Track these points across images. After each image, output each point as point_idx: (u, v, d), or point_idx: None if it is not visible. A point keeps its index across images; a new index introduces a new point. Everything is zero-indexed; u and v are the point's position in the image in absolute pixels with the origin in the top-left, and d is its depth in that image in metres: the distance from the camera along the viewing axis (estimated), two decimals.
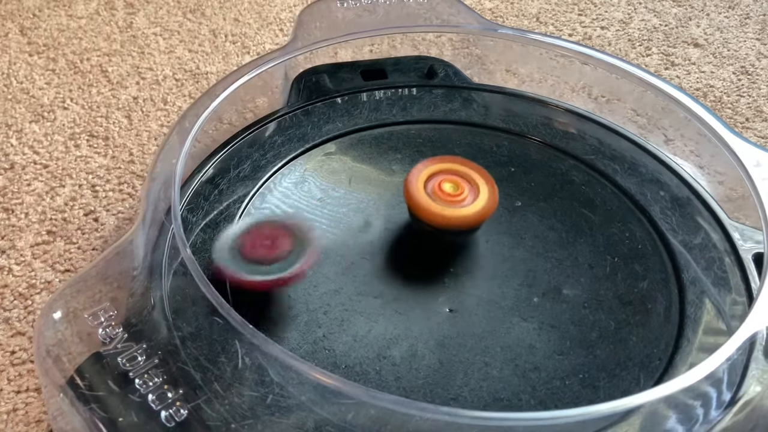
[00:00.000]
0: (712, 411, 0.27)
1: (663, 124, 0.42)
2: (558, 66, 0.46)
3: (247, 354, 0.28)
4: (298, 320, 0.31)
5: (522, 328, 0.31)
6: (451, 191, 0.33)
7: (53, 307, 0.27)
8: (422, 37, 0.50)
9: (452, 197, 0.33)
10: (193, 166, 0.37)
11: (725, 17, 0.58)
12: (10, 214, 0.39)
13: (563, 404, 0.28)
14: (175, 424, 0.24)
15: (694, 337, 0.30)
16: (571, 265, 0.33)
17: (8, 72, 0.50)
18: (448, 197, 0.33)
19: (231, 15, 0.57)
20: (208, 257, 0.32)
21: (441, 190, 0.33)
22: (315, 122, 0.40)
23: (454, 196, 0.33)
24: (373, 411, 0.26)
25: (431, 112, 0.41)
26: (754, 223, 0.34)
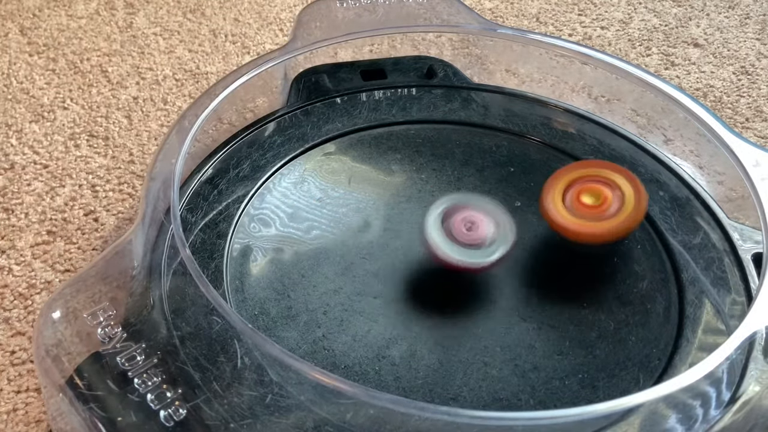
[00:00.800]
0: (712, 410, 0.27)
1: (662, 124, 0.42)
2: (558, 66, 0.46)
3: (246, 354, 0.28)
4: (298, 320, 0.31)
5: (521, 328, 0.31)
6: (591, 202, 0.30)
7: (53, 307, 0.27)
8: (422, 37, 0.50)
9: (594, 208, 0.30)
10: (192, 166, 0.37)
11: (725, 17, 0.58)
12: (10, 214, 0.39)
13: (562, 404, 0.28)
14: (174, 424, 0.24)
15: (694, 336, 0.30)
16: (571, 265, 0.33)
17: (8, 72, 0.50)
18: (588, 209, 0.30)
19: (231, 15, 0.57)
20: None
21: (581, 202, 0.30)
22: (314, 122, 0.40)
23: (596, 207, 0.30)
24: (373, 411, 0.26)
25: (431, 112, 0.41)
26: (753, 223, 0.34)
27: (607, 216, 0.30)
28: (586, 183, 0.31)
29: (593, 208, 0.30)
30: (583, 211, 0.30)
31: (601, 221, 0.30)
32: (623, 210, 0.30)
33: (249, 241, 0.34)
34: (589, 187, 0.31)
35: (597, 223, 0.30)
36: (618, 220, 0.30)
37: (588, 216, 0.30)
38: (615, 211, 0.30)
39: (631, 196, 0.30)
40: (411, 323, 0.31)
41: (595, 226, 0.30)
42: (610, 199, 0.30)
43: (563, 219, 0.30)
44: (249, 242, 0.34)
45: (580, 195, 0.30)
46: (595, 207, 0.30)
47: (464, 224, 0.31)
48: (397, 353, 0.30)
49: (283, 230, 0.35)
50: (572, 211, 0.30)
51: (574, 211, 0.30)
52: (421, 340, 0.30)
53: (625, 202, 0.30)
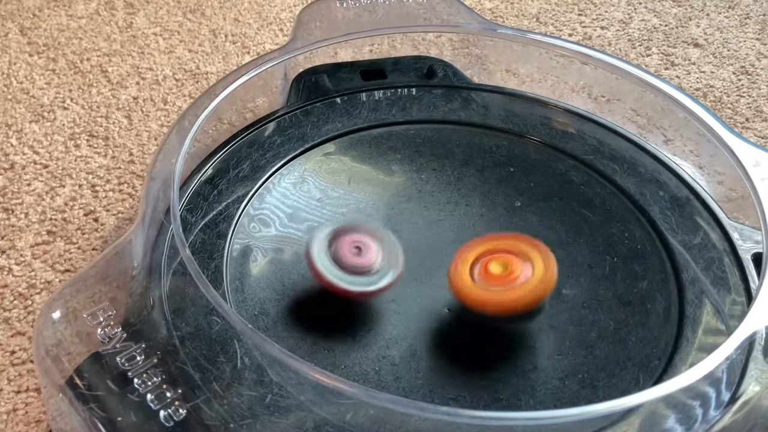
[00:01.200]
0: (711, 410, 0.27)
1: (662, 124, 0.42)
2: (558, 66, 0.46)
3: (246, 354, 0.28)
4: (298, 320, 0.31)
5: (522, 328, 0.31)
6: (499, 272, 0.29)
7: (52, 307, 0.27)
8: (422, 37, 0.49)
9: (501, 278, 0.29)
10: (192, 166, 0.37)
11: (725, 17, 0.58)
12: (10, 214, 0.39)
13: (562, 404, 0.28)
14: (173, 424, 0.24)
15: (694, 337, 0.30)
16: (571, 265, 0.33)
17: (8, 72, 0.50)
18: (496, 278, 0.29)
19: (231, 15, 0.57)
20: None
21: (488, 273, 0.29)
22: (314, 122, 0.40)
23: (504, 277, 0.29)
24: (373, 411, 0.26)
25: (431, 112, 0.41)
26: (753, 223, 0.34)
27: (516, 286, 0.28)
28: (495, 254, 0.30)
29: (501, 278, 0.29)
30: (491, 281, 0.29)
31: (509, 291, 0.28)
32: (532, 279, 0.28)
33: (249, 241, 0.34)
34: (497, 258, 0.29)
35: (505, 292, 0.28)
36: (526, 289, 0.28)
37: (495, 285, 0.29)
38: (524, 281, 0.28)
39: (540, 266, 0.29)
40: (411, 323, 0.31)
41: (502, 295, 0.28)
42: (518, 269, 0.29)
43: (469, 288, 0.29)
44: (249, 242, 0.34)
45: (488, 265, 0.29)
46: (503, 277, 0.29)
47: (352, 248, 0.30)
48: (397, 353, 0.30)
49: (283, 230, 0.35)
50: (480, 282, 0.29)
51: (482, 282, 0.29)
52: (421, 340, 0.30)
53: (534, 272, 0.29)
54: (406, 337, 0.30)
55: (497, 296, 0.28)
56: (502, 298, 0.28)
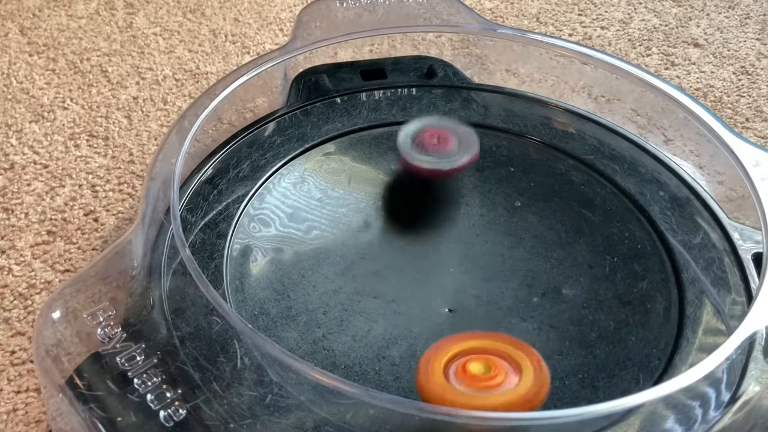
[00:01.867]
0: (711, 411, 0.27)
1: (663, 124, 0.42)
2: (558, 66, 0.46)
3: (246, 354, 0.28)
4: (298, 320, 0.31)
5: (521, 328, 0.31)
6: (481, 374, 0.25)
7: (52, 307, 0.27)
8: (422, 37, 0.49)
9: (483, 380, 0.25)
10: (192, 166, 0.37)
11: (725, 17, 0.58)
12: (10, 214, 0.39)
13: (562, 404, 0.28)
14: (173, 424, 0.24)
15: (694, 337, 0.30)
16: (571, 265, 0.33)
17: (8, 72, 0.50)
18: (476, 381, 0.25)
19: (231, 15, 0.57)
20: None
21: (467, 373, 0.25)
22: (314, 122, 0.40)
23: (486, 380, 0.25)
24: (372, 411, 0.26)
25: (431, 112, 0.41)
26: (753, 223, 0.34)
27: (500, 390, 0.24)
28: (475, 354, 0.26)
29: (482, 380, 0.25)
30: (470, 384, 0.25)
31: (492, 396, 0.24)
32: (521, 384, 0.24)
33: (249, 241, 0.34)
34: (478, 358, 0.25)
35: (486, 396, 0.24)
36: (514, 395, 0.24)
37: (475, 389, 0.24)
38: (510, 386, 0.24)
39: (530, 371, 0.25)
40: (411, 323, 0.31)
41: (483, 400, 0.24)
42: (504, 371, 0.25)
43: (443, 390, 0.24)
44: (249, 242, 0.34)
45: (467, 365, 0.25)
46: (485, 379, 0.25)
47: (433, 138, 0.36)
48: (397, 353, 0.30)
49: (283, 230, 0.35)
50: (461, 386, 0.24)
51: (460, 383, 0.25)
52: (421, 340, 0.30)
53: (523, 376, 0.25)
54: (406, 337, 0.30)
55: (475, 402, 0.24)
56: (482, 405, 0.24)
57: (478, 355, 0.25)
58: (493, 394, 0.24)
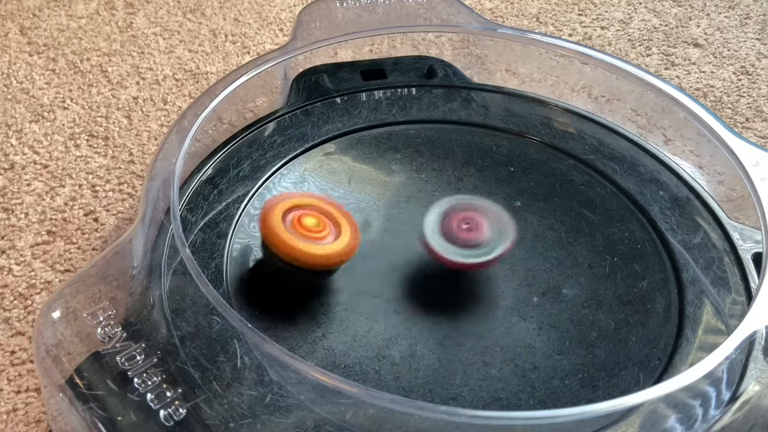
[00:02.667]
0: (711, 410, 0.27)
1: (663, 124, 0.42)
2: (558, 66, 0.46)
3: (246, 353, 0.28)
4: (298, 320, 0.31)
5: (521, 328, 0.31)
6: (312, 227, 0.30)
7: (52, 307, 0.27)
8: (422, 37, 0.50)
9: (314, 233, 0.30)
10: (192, 166, 0.37)
11: (725, 17, 0.58)
12: (10, 214, 0.39)
13: (562, 403, 0.28)
14: (173, 424, 0.24)
15: (694, 336, 0.30)
16: (571, 265, 0.33)
17: (8, 72, 0.50)
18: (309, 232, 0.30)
19: (231, 15, 0.57)
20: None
21: (301, 225, 0.30)
22: (314, 122, 0.40)
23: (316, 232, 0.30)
24: (372, 410, 0.26)
25: (431, 112, 0.41)
26: (753, 223, 0.34)
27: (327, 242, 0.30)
28: (305, 210, 0.31)
29: (314, 232, 0.30)
30: (304, 234, 0.30)
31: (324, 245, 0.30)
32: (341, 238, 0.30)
33: (249, 241, 0.34)
34: (309, 214, 0.31)
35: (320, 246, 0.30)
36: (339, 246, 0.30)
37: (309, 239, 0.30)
38: (333, 239, 0.30)
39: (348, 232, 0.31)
40: (411, 323, 0.31)
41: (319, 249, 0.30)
42: (329, 229, 0.31)
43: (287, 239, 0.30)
44: (249, 242, 0.34)
45: (302, 219, 0.31)
46: (317, 232, 0.30)
47: (463, 224, 0.32)
48: (397, 353, 0.30)
49: None
50: (294, 233, 0.30)
51: (296, 233, 0.30)
52: (421, 340, 0.30)
53: (342, 236, 0.31)
54: (406, 337, 0.30)
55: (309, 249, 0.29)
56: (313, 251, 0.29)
57: (312, 211, 0.31)
58: (317, 244, 0.30)
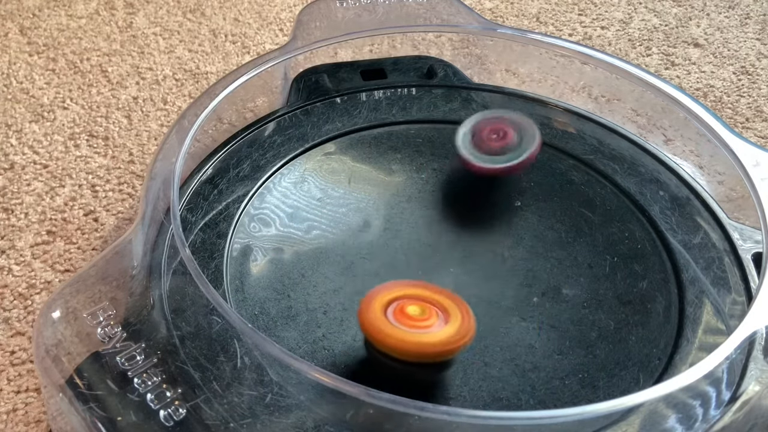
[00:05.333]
0: (711, 410, 0.27)
1: (663, 124, 0.42)
2: (558, 66, 0.46)
3: (246, 354, 0.28)
4: (298, 320, 0.31)
5: (521, 328, 0.31)
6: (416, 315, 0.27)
7: (52, 307, 0.27)
8: (422, 37, 0.50)
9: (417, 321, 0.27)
10: (192, 166, 0.37)
11: (725, 17, 0.58)
12: (10, 214, 0.39)
13: (562, 403, 0.28)
14: (173, 424, 0.24)
15: (694, 336, 0.30)
16: (571, 265, 0.33)
17: (8, 72, 0.50)
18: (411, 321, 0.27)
19: (231, 15, 0.57)
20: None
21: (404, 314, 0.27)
22: (314, 122, 0.40)
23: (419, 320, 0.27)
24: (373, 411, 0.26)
25: (431, 112, 0.41)
26: (753, 223, 0.34)
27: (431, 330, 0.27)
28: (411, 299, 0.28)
29: (416, 320, 0.27)
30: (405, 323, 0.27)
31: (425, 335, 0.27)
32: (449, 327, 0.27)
33: (249, 241, 0.34)
34: (414, 302, 0.28)
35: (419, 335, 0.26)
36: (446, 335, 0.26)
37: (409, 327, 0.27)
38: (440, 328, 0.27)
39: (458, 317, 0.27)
40: None
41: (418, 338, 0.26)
42: (435, 315, 0.27)
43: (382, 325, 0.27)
44: (249, 242, 0.34)
45: (404, 308, 0.27)
46: (419, 320, 0.27)
47: (492, 134, 0.34)
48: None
49: (283, 230, 0.35)
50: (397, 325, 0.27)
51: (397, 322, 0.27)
52: None
53: (451, 321, 0.27)
54: None
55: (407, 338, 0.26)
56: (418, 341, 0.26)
57: (415, 300, 0.28)
58: (424, 333, 0.26)
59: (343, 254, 0.33)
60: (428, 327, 0.26)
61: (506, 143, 0.35)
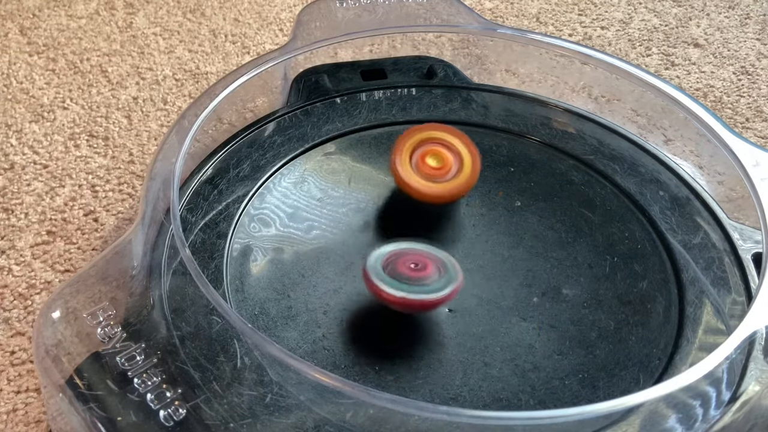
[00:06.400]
0: (712, 410, 0.27)
1: (663, 124, 0.42)
2: (558, 66, 0.46)
3: (246, 354, 0.28)
4: (298, 320, 0.31)
5: (521, 328, 0.31)
6: (435, 164, 0.34)
7: (52, 307, 0.27)
8: (422, 37, 0.50)
9: (436, 171, 0.34)
10: (192, 166, 0.37)
11: (725, 17, 0.58)
12: (10, 214, 0.39)
13: (562, 404, 0.28)
14: (173, 424, 0.24)
15: (694, 336, 0.30)
16: (571, 265, 0.33)
17: (8, 72, 0.50)
18: (432, 171, 0.34)
19: (231, 15, 0.57)
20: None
21: (425, 164, 0.34)
22: (314, 122, 0.40)
23: (438, 169, 0.34)
24: (373, 411, 0.26)
25: (431, 112, 0.41)
26: (753, 223, 0.34)
27: (449, 178, 0.34)
28: (429, 146, 0.35)
29: (437, 170, 0.34)
30: (428, 172, 0.34)
31: (443, 183, 0.34)
32: (462, 172, 0.34)
33: (249, 241, 0.34)
34: (432, 150, 0.35)
35: (440, 184, 0.34)
36: (458, 182, 0.34)
37: (432, 177, 0.34)
38: (455, 173, 0.34)
39: (468, 158, 0.35)
40: (411, 323, 0.31)
41: (439, 188, 0.34)
42: (451, 162, 0.34)
43: (412, 180, 0.34)
44: (249, 242, 0.34)
45: (425, 157, 0.34)
46: (439, 169, 0.34)
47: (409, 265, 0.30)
48: (397, 353, 0.30)
49: (283, 230, 0.35)
50: (418, 172, 0.34)
51: (420, 172, 0.34)
52: (421, 339, 0.30)
53: (464, 165, 0.34)
54: (405, 337, 0.30)
55: (439, 188, 0.34)
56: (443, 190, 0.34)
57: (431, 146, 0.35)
58: (443, 182, 0.34)
59: (343, 254, 0.33)
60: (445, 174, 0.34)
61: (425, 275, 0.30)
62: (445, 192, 0.34)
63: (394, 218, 0.36)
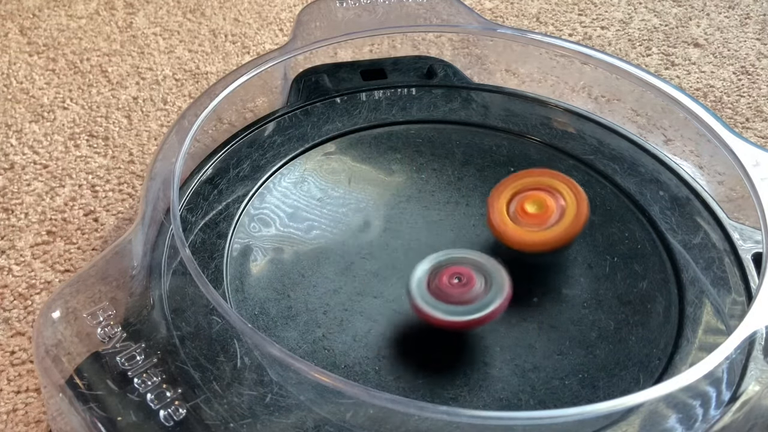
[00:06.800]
0: (712, 410, 0.27)
1: (663, 124, 0.42)
2: (558, 66, 0.46)
3: (246, 354, 0.28)
4: (298, 320, 0.31)
5: (521, 328, 0.31)
6: (534, 211, 0.31)
7: (52, 307, 0.27)
8: (422, 37, 0.50)
9: (536, 218, 0.31)
10: (192, 166, 0.37)
11: (725, 17, 0.58)
12: (10, 214, 0.39)
13: (563, 404, 0.28)
14: (173, 424, 0.24)
15: (694, 336, 0.30)
16: (571, 265, 0.33)
17: (8, 72, 0.50)
18: (530, 218, 0.31)
19: (231, 15, 0.57)
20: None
21: (524, 211, 0.31)
22: (314, 122, 0.40)
23: (538, 216, 0.31)
24: (373, 411, 0.26)
25: (431, 112, 0.41)
26: (753, 223, 0.34)
27: (550, 225, 0.31)
28: (529, 192, 0.32)
29: (536, 216, 0.31)
30: (526, 220, 0.31)
31: (544, 230, 0.31)
32: (564, 218, 0.31)
33: (249, 241, 0.34)
34: (532, 196, 0.32)
35: (540, 232, 0.31)
36: (560, 229, 0.31)
37: (531, 224, 0.31)
38: (557, 220, 0.31)
39: (573, 204, 0.31)
40: (411, 323, 0.31)
41: (538, 236, 0.31)
42: (552, 208, 0.31)
43: (507, 228, 0.31)
44: (249, 242, 0.34)
45: (524, 204, 0.32)
46: (538, 216, 0.31)
47: (453, 279, 0.29)
48: (397, 353, 0.30)
49: (283, 230, 0.35)
50: (516, 221, 0.31)
51: (518, 220, 0.31)
52: (421, 340, 0.30)
53: (567, 211, 0.31)
54: (406, 337, 0.30)
55: (536, 236, 0.31)
56: (542, 238, 0.31)
57: (531, 192, 0.32)
58: (545, 229, 0.31)
59: (343, 254, 0.33)
60: (547, 219, 0.31)
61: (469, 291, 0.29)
62: (541, 240, 0.31)
63: (395, 218, 0.36)
